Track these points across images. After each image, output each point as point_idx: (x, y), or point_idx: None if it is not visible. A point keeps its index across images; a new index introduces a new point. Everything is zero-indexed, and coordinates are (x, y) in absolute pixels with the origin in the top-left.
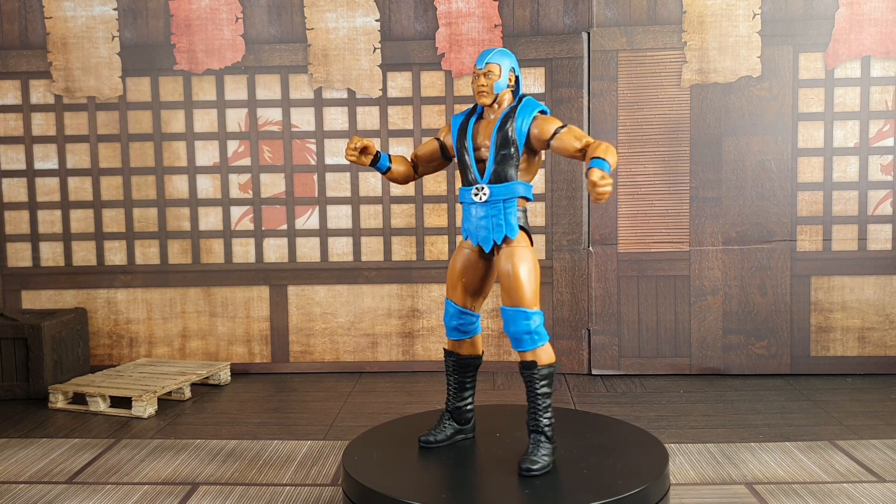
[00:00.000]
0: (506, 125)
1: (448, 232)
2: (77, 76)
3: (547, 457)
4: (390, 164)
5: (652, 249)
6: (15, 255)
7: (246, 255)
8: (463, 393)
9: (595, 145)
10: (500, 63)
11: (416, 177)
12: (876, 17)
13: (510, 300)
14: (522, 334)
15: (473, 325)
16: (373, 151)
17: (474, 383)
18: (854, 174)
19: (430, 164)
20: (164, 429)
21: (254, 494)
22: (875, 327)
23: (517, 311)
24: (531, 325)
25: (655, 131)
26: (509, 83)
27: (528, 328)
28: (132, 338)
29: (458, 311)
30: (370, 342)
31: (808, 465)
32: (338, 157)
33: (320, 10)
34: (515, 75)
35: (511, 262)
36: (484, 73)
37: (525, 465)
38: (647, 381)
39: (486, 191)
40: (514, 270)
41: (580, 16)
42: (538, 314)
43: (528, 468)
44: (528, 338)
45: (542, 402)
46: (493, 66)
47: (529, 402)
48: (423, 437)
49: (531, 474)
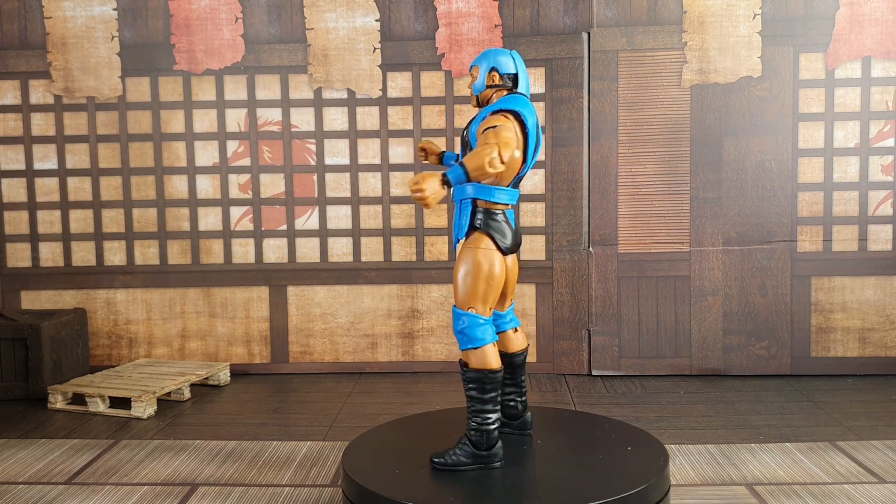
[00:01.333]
0: (468, 126)
1: (448, 232)
2: (77, 76)
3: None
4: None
5: (652, 250)
6: (14, 255)
7: (246, 256)
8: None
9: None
10: (478, 65)
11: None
12: (876, 17)
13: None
14: (456, 333)
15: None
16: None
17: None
18: (854, 175)
19: None
20: (164, 429)
21: (253, 495)
22: (875, 328)
23: (454, 310)
24: (459, 325)
25: (655, 131)
26: (491, 83)
27: (456, 327)
28: (132, 338)
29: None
30: (370, 343)
31: (809, 465)
32: (338, 157)
33: (320, 10)
34: (503, 74)
35: (457, 262)
36: (472, 75)
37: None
38: (647, 381)
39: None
40: (455, 270)
41: (580, 16)
42: (469, 315)
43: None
44: (460, 337)
45: (471, 406)
46: (474, 69)
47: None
48: None
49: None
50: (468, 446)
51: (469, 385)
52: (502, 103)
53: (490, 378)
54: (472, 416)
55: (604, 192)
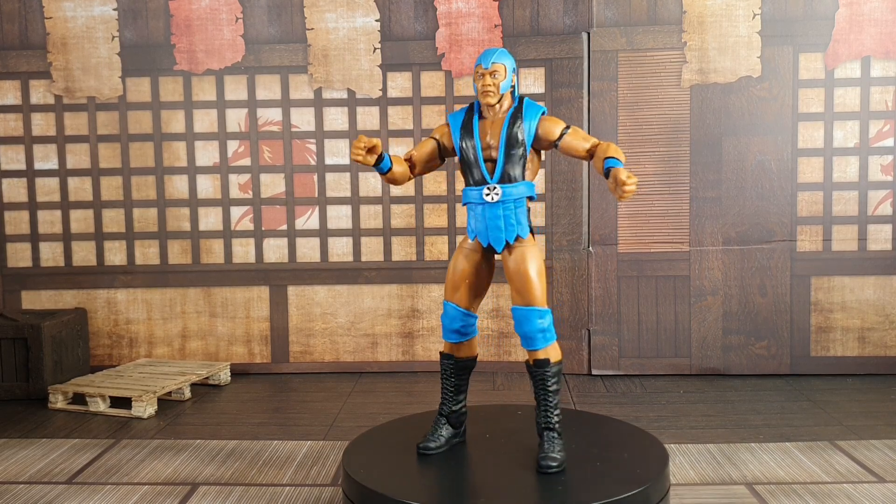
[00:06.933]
0: (514, 125)
1: (448, 232)
2: (77, 76)
3: (562, 453)
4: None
5: (652, 250)
6: (15, 255)
7: (246, 256)
8: (458, 396)
9: (604, 146)
10: (504, 63)
11: (412, 177)
12: (876, 17)
13: (522, 299)
14: (536, 332)
15: (473, 326)
16: (379, 151)
17: (468, 385)
18: (854, 174)
19: (428, 165)
20: (164, 429)
21: (254, 494)
22: (875, 327)
23: (530, 311)
24: (543, 324)
25: (655, 131)
26: (511, 83)
27: (540, 327)
28: (132, 338)
29: (462, 314)
30: (370, 342)
31: (809, 465)
32: (338, 157)
33: (320, 11)
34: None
35: (523, 262)
36: (490, 72)
37: (545, 462)
38: (647, 381)
39: (498, 191)
40: (526, 270)
41: (580, 16)
42: (548, 312)
43: (549, 465)
44: (542, 336)
45: (553, 400)
46: (499, 65)
47: (540, 401)
48: (421, 444)
49: (552, 471)
50: (560, 439)
51: (553, 380)
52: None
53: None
54: (555, 409)
55: (603, 192)
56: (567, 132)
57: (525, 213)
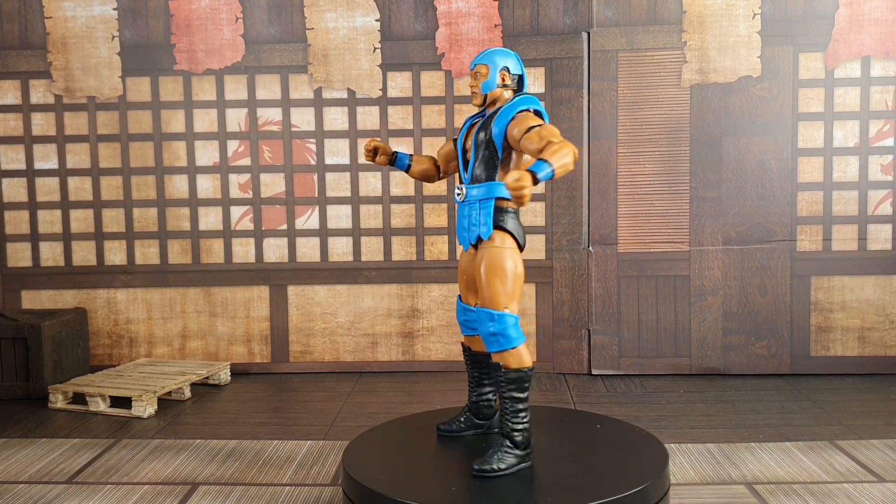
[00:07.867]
0: (489, 125)
1: (448, 232)
2: (77, 76)
3: (503, 463)
4: (410, 162)
5: (652, 249)
6: (15, 255)
7: (246, 255)
8: (481, 388)
9: (551, 150)
10: (488, 63)
11: (440, 176)
12: (876, 17)
13: (480, 300)
14: (488, 335)
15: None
16: (387, 152)
17: (492, 381)
18: (854, 174)
19: (451, 164)
20: (164, 429)
21: (254, 494)
22: (875, 327)
23: (481, 312)
24: (495, 327)
25: (655, 131)
26: (502, 82)
27: (491, 329)
28: (132, 338)
29: (463, 308)
30: (370, 342)
31: (808, 465)
32: (338, 156)
33: (320, 10)
34: (512, 74)
35: (481, 263)
36: (473, 73)
37: (477, 465)
38: (647, 381)
39: (463, 191)
40: (480, 271)
41: (580, 16)
42: (505, 316)
43: (479, 468)
44: (494, 339)
45: (510, 406)
46: (481, 66)
47: (500, 404)
48: (441, 424)
49: (481, 475)
50: (512, 448)
51: (509, 386)
52: (524, 103)
53: (528, 376)
54: (512, 417)
55: (603, 192)
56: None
57: (490, 213)
